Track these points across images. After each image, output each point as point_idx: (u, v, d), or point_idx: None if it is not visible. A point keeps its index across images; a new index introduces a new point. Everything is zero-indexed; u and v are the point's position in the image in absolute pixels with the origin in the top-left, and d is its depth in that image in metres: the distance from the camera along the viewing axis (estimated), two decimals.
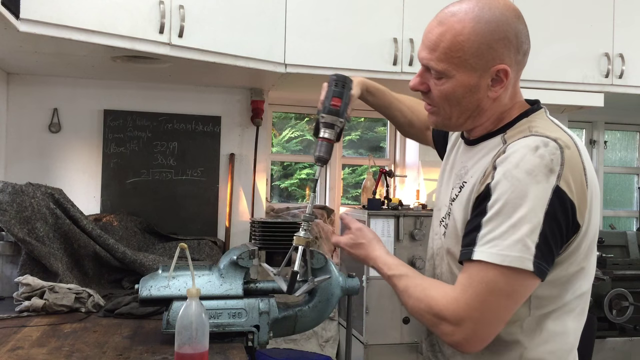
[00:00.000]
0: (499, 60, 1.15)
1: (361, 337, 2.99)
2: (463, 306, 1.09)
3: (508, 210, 1.06)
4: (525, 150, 1.09)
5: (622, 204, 4.36)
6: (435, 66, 1.18)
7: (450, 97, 1.19)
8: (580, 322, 1.22)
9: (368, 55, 2.96)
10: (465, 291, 1.09)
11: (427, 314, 1.15)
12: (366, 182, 3.53)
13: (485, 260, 1.07)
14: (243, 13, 2.75)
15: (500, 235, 1.06)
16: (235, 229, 3.28)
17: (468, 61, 1.15)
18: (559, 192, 1.06)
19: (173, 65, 2.76)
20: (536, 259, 1.05)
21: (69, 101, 3.13)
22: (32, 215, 2.17)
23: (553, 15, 3.21)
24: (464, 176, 1.23)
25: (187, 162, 3.26)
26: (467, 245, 1.12)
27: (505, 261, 1.05)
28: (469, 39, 1.14)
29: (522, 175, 1.07)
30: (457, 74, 1.16)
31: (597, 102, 3.30)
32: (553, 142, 1.09)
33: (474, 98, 1.19)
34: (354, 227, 1.42)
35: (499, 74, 1.16)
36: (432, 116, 1.27)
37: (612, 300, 2.95)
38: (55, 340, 1.60)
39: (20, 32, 2.15)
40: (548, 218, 1.05)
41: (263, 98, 3.34)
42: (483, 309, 1.08)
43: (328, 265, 1.71)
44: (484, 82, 1.17)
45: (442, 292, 1.14)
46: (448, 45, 1.15)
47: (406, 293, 1.21)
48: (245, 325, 1.60)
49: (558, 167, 1.07)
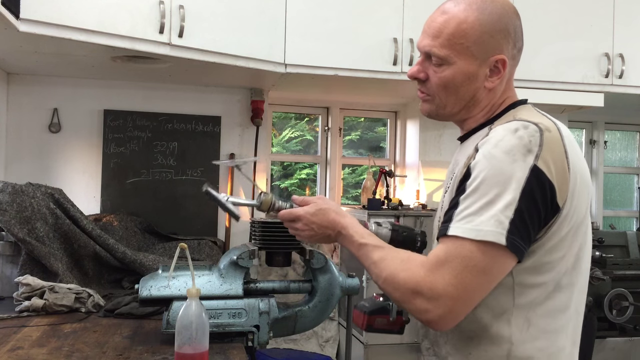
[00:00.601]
0: (498, 50, 1.19)
1: (361, 337, 2.99)
2: (440, 280, 1.08)
3: (484, 188, 1.08)
4: (504, 132, 1.11)
5: (622, 204, 4.36)
6: (438, 52, 1.20)
7: (449, 84, 1.22)
8: (573, 321, 1.20)
9: (368, 55, 2.96)
10: (442, 266, 1.08)
11: (403, 287, 1.12)
12: (366, 182, 3.53)
13: (459, 235, 1.08)
14: (243, 13, 2.75)
15: (475, 211, 1.07)
16: (235, 229, 3.28)
17: (470, 49, 1.18)
18: (536, 171, 1.07)
19: (173, 65, 2.77)
20: (510, 234, 1.05)
21: (69, 101, 3.13)
22: (32, 215, 2.17)
23: (553, 15, 3.22)
24: (454, 169, 1.25)
25: (187, 162, 3.26)
26: (445, 222, 1.13)
27: (478, 235, 1.06)
28: (472, 26, 1.17)
29: (499, 154, 1.08)
30: (458, 61, 1.19)
31: (597, 102, 3.30)
32: (533, 125, 1.11)
33: (472, 87, 1.22)
34: (314, 198, 1.36)
35: (497, 64, 1.20)
36: (426, 104, 1.28)
37: (612, 300, 2.94)
38: (55, 340, 1.60)
39: (20, 32, 2.15)
40: (524, 195, 1.06)
41: (263, 98, 3.34)
42: (459, 284, 1.07)
43: (328, 265, 1.71)
44: (483, 71, 1.20)
45: (418, 265, 1.12)
46: (452, 31, 1.18)
47: (381, 265, 1.17)
48: (245, 325, 1.60)
49: (536, 148, 1.08)
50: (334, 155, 3.83)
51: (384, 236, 1.39)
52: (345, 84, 3.22)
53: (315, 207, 1.32)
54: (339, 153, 3.86)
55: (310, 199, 1.35)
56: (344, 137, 3.93)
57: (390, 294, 1.17)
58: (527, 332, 1.15)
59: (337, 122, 3.84)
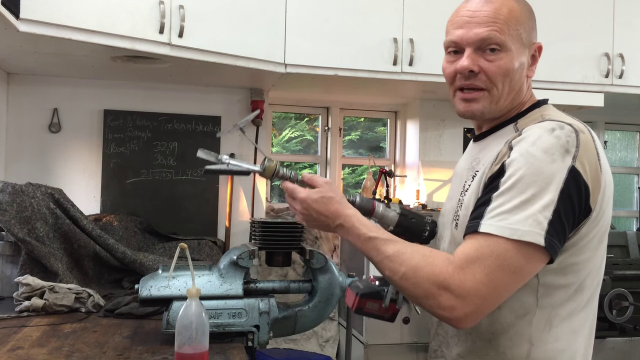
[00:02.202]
0: (535, 38, 1.23)
1: (361, 337, 2.99)
2: (470, 278, 1.04)
3: (521, 186, 1.06)
4: (541, 131, 1.10)
5: (622, 204, 4.35)
6: (499, 37, 1.17)
7: (509, 72, 1.19)
8: (590, 322, 1.20)
9: (368, 55, 2.96)
10: (473, 263, 1.05)
11: (427, 282, 1.06)
12: (366, 182, 3.53)
13: (493, 233, 1.05)
14: (243, 13, 2.75)
15: (510, 209, 1.05)
16: (235, 229, 3.28)
17: (521, 36, 1.20)
18: (574, 172, 1.06)
19: (173, 65, 2.76)
20: (548, 235, 1.03)
21: (69, 101, 3.13)
22: (32, 215, 2.17)
23: (553, 15, 3.21)
24: (476, 166, 1.23)
25: (187, 162, 3.26)
26: (474, 218, 1.09)
27: (514, 235, 1.03)
28: (522, 14, 1.20)
29: (538, 153, 1.07)
30: (513, 48, 1.19)
31: (597, 102, 3.30)
32: (568, 126, 1.11)
33: (522, 76, 1.22)
34: (322, 181, 1.29)
35: (536, 51, 1.23)
36: (477, 103, 1.21)
37: (612, 300, 2.94)
38: (55, 340, 1.60)
39: (20, 32, 2.15)
40: (563, 196, 1.05)
41: (263, 98, 3.34)
42: (490, 283, 1.04)
43: (328, 265, 1.71)
44: (526, 60, 1.22)
45: (445, 261, 1.07)
46: (507, 17, 1.18)
47: (398, 259, 1.11)
48: (245, 325, 1.60)
49: (574, 149, 1.08)
50: (334, 155, 3.83)
51: (390, 219, 1.34)
52: (345, 84, 3.22)
53: (319, 193, 1.25)
54: (339, 153, 3.86)
55: (318, 181, 1.29)
56: (344, 137, 3.93)
57: (408, 290, 1.11)
58: (548, 333, 1.14)
59: (337, 122, 3.84)
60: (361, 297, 1.29)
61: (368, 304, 1.30)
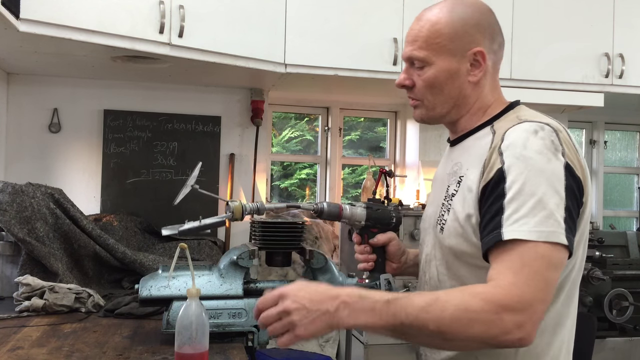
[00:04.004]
0: (474, 44, 1.23)
1: (361, 337, 2.99)
2: (525, 288, 0.99)
3: (529, 189, 1.06)
4: (526, 134, 1.12)
5: (622, 204, 4.35)
6: (417, 54, 1.25)
7: (433, 84, 1.25)
8: (573, 312, 1.22)
9: (368, 55, 2.96)
10: (520, 272, 1.00)
11: (483, 314, 0.97)
12: (366, 182, 3.53)
13: (521, 238, 1.03)
14: (243, 13, 2.75)
15: (527, 212, 1.05)
16: (235, 229, 3.28)
17: (446, 46, 1.23)
18: (570, 169, 1.09)
19: (173, 65, 2.76)
20: (567, 233, 1.05)
21: (69, 101, 3.13)
22: (32, 215, 2.17)
23: (553, 15, 3.21)
24: (459, 171, 1.23)
25: (187, 162, 3.26)
26: (493, 230, 1.07)
27: (541, 237, 1.03)
28: (445, 25, 1.23)
29: (533, 154, 1.09)
30: (437, 60, 1.24)
31: (597, 102, 3.30)
32: (547, 126, 1.14)
33: (456, 84, 1.25)
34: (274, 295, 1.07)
35: (477, 56, 1.23)
36: (417, 110, 1.31)
37: (612, 300, 2.94)
38: (55, 340, 1.60)
39: (20, 32, 2.15)
40: (568, 192, 1.07)
41: (263, 98, 3.34)
42: (544, 287, 1.01)
43: (328, 265, 1.71)
44: (464, 66, 1.24)
45: (487, 286, 1.01)
46: (427, 33, 1.24)
47: (437, 306, 0.99)
48: (245, 325, 1.60)
49: (560, 147, 1.11)
50: (334, 155, 3.83)
51: (359, 215, 1.39)
52: (345, 84, 3.22)
53: (298, 284, 1.08)
54: (339, 153, 3.86)
55: (281, 290, 1.08)
56: (344, 137, 3.93)
57: (461, 334, 0.98)
58: None
59: (337, 122, 3.84)
60: None
61: None
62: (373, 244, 1.45)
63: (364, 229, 1.43)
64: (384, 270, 1.46)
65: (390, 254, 1.48)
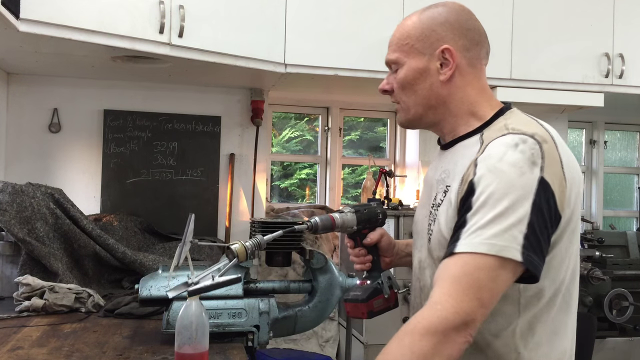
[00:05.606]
0: (442, 42, 1.24)
1: (361, 337, 2.99)
2: (462, 297, 1.01)
3: (493, 202, 1.05)
4: (505, 148, 1.10)
5: (622, 204, 4.36)
6: (390, 57, 1.30)
7: (404, 84, 1.27)
8: (572, 319, 1.20)
9: (368, 55, 2.96)
10: (459, 282, 1.02)
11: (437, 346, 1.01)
12: (366, 182, 3.53)
13: (469, 251, 1.03)
14: (243, 13, 2.75)
15: (484, 224, 1.04)
16: (235, 229, 3.28)
17: (415, 46, 1.25)
18: (544, 183, 1.06)
19: (173, 65, 2.77)
20: (525, 250, 1.02)
21: (69, 101, 3.13)
22: (32, 215, 2.17)
23: (553, 15, 3.21)
24: (446, 179, 1.22)
25: (187, 162, 3.26)
26: (453, 242, 1.08)
27: (491, 250, 1.02)
28: (414, 27, 1.26)
29: (506, 167, 1.07)
30: (407, 60, 1.26)
31: (597, 102, 3.30)
32: (531, 139, 1.11)
33: (427, 83, 1.25)
34: None
35: (445, 54, 1.23)
36: (398, 114, 1.35)
37: (612, 300, 2.94)
38: (55, 340, 1.60)
39: (20, 32, 2.15)
40: (535, 208, 1.04)
41: (263, 98, 3.34)
42: (484, 293, 1.02)
43: (328, 265, 1.71)
44: (433, 65, 1.24)
45: (425, 313, 1.04)
46: (398, 37, 1.29)
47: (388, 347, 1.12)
48: (245, 325, 1.60)
49: (539, 160, 1.08)
50: (334, 155, 3.83)
51: (350, 221, 1.39)
52: (345, 84, 3.22)
53: None
54: (339, 153, 3.86)
55: None
56: (344, 137, 3.93)
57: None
58: (532, 339, 1.14)
59: (337, 122, 3.84)
60: (367, 302, 1.32)
61: (375, 303, 1.33)
62: (367, 244, 1.44)
63: (356, 232, 1.42)
64: (381, 267, 1.46)
65: (383, 249, 1.48)
